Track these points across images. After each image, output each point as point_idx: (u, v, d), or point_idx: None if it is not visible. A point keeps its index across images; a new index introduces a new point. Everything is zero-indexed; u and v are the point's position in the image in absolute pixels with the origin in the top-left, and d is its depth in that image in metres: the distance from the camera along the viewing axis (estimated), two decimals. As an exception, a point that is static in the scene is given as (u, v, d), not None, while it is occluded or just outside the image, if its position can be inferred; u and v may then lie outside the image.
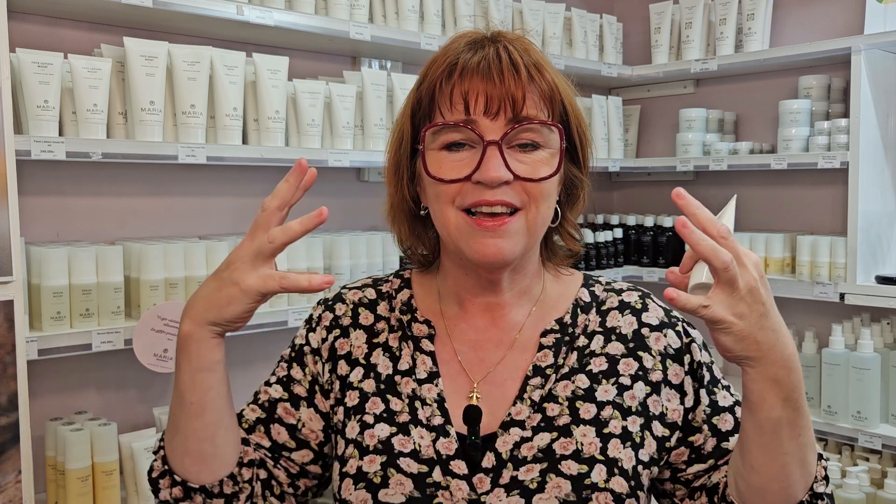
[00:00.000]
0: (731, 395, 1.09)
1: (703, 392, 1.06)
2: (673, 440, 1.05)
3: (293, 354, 1.16)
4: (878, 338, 2.40)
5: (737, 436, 1.02)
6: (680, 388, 1.06)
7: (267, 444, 1.12)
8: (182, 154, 1.85)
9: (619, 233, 2.97)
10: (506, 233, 0.98)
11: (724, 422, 1.06)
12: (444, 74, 1.00)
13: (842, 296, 2.43)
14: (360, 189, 2.54)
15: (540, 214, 1.00)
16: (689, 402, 1.06)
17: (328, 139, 2.18)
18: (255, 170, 2.29)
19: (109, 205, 2.05)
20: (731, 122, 2.98)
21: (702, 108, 2.90)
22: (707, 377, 1.07)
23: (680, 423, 1.05)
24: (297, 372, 1.14)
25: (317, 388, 1.13)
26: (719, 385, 1.08)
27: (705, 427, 1.05)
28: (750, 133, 2.98)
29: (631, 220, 3.05)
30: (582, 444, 0.99)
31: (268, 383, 1.16)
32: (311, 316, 1.17)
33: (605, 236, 2.89)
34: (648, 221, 2.98)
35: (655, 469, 1.05)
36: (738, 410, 1.06)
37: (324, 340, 1.13)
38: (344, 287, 1.19)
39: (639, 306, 1.10)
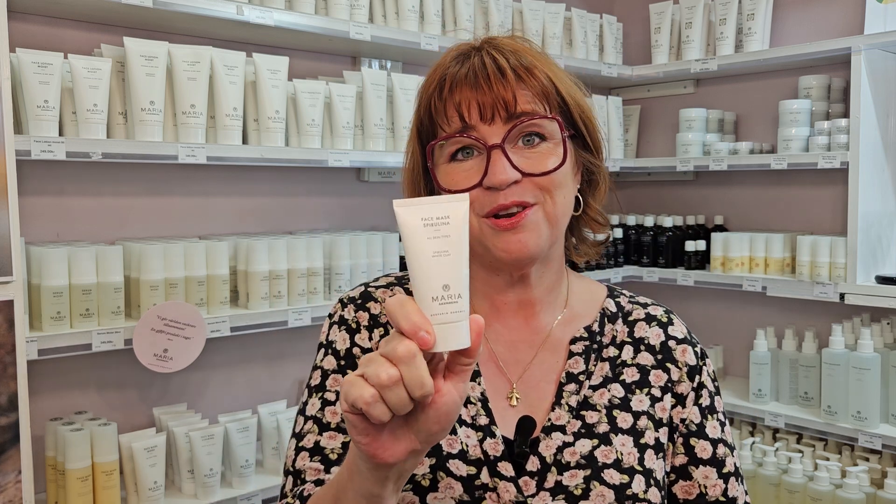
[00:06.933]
0: (724, 433, 1.08)
1: (695, 409, 1.07)
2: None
3: (342, 363, 1.06)
4: (878, 338, 2.40)
5: (705, 468, 1.04)
6: (682, 400, 1.07)
7: None
8: (182, 154, 1.85)
9: (619, 233, 2.98)
10: (525, 226, 0.99)
11: (702, 449, 1.06)
12: (435, 92, 1.03)
13: (842, 296, 2.43)
14: (360, 189, 2.54)
15: (557, 205, 1.01)
16: (683, 413, 1.07)
17: (328, 139, 2.18)
18: (255, 170, 2.29)
19: (109, 205, 2.05)
20: (731, 122, 2.98)
21: (702, 108, 2.90)
22: (706, 402, 1.09)
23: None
24: None
25: None
26: (715, 416, 1.09)
27: (679, 441, 1.06)
28: (750, 133, 2.98)
29: (631, 220, 3.05)
30: (622, 454, 1.01)
31: (327, 402, 1.05)
32: (342, 318, 1.09)
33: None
34: (648, 221, 2.98)
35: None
36: (721, 449, 1.07)
37: (371, 339, 1.07)
38: (368, 286, 1.12)
39: (665, 319, 1.12)
